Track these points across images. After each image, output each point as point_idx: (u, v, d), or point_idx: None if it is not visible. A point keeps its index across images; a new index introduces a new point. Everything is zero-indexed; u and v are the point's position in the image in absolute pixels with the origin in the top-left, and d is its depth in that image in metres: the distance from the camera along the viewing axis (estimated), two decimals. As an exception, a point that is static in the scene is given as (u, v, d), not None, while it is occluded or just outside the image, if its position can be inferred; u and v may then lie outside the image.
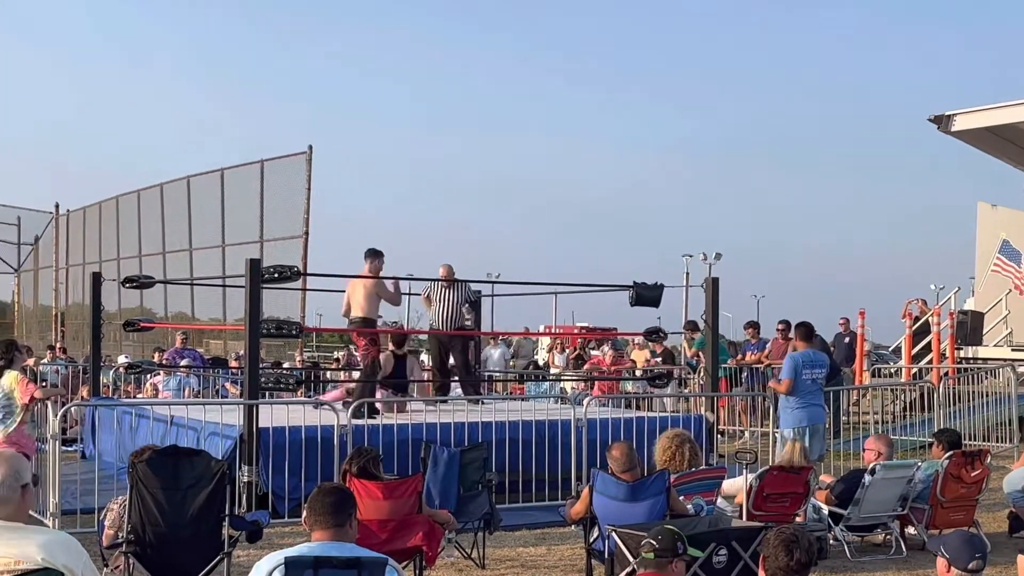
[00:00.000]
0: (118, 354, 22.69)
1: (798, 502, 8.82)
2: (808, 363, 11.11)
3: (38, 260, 32.31)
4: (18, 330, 32.72)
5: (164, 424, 10.78)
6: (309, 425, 10.31)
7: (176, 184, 25.05)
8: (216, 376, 17.89)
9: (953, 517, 9.26)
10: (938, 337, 19.34)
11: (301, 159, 20.62)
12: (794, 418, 10.97)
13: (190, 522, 6.65)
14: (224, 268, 22.23)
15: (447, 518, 7.66)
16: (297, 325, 11.66)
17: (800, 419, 10.95)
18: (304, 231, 20.17)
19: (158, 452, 6.92)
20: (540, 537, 9.73)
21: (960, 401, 15.76)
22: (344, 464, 7.47)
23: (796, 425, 10.92)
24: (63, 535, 4.28)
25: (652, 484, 7.24)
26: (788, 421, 11.02)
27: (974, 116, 20.47)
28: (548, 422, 11.42)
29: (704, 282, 12.95)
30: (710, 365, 12.75)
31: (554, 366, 23.06)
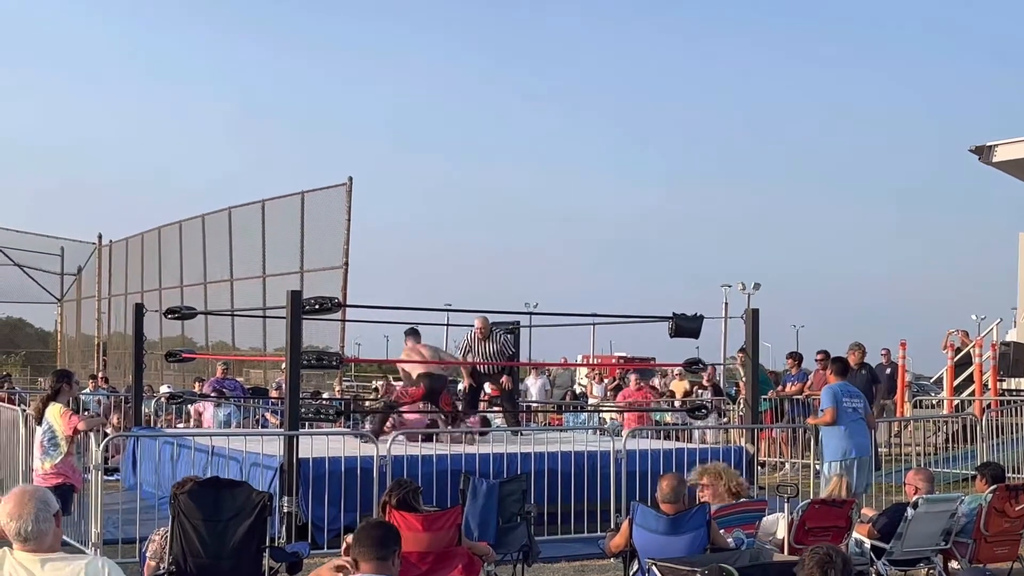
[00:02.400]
0: (159, 384, 22.89)
1: (840, 536, 8.73)
2: (847, 393, 11.03)
3: (81, 290, 32.70)
4: (60, 359, 33.08)
5: (205, 455, 10.85)
6: (349, 456, 10.35)
7: (218, 216, 25.31)
8: (256, 406, 18.00)
9: (997, 552, 9.13)
10: (980, 368, 19.14)
11: (341, 190, 20.77)
12: (840, 450, 10.80)
13: (231, 553, 6.68)
14: (264, 299, 22.40)
15: (486, 550, 7.66)
16: (337, 356, 11.75)
17: (847, 451, 10.78)
18: (344, 262, 20.30)
19: (200, 483, 6.97)
20: (579, 570, 9.69)
21: (1003, 433, 15.56)
22: (384, 496, 7.48)
23: (842, 458, 10.77)
24: (100, 558, 4.31)
25: (693, 517, 7.19)
26: (833, 453, 10.84)
27: (1015, 147, 20.33)
28: (587, 453, 11.40)
29: (744, 313, 12.90)
30: (750, 396, 12.68)
31: (592, 396, 23.03)
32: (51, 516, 4.17)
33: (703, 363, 15.61)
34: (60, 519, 4.28)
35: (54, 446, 8.84)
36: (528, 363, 17.78)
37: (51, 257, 32.51)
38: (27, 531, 4.12)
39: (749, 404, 12.65)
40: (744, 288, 48.56)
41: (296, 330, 10.60)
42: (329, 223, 21.11)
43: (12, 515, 4.13)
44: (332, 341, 19.62)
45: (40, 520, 4.13)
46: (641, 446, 11.67)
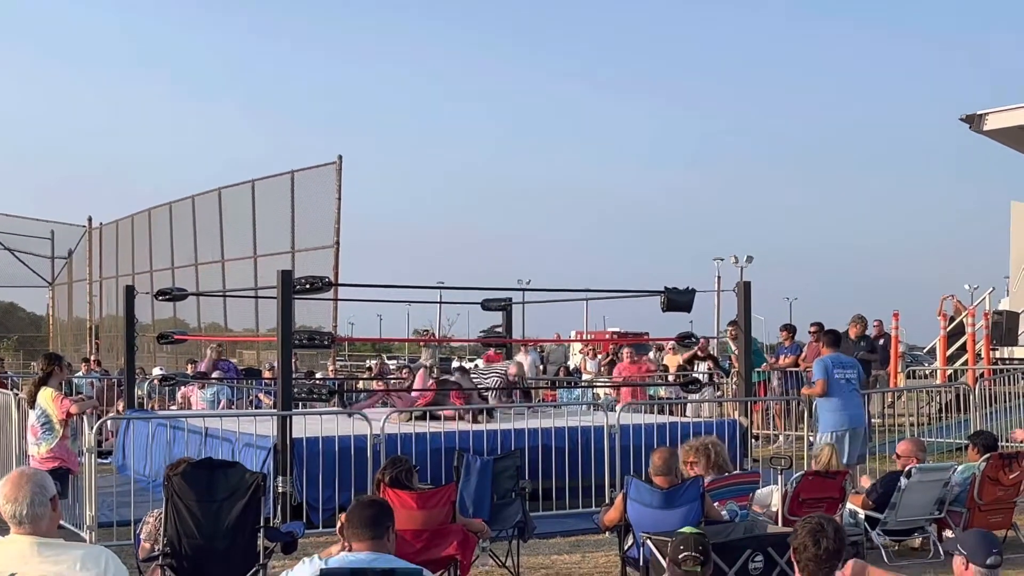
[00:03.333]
0: (152, 366, 22.84)
1: (834, 507, 8.76)
2: (838, 364, 11.03)
3: (72, 273, 32.59)
4: (53, 343, 33.00)
5: (199, 436, 10.84)
6: (342, 435, 10.35)
7: (207, 196, 25.20)
8: (250, 387, 17.98)
9: (991, 520, 9.16)
10: (973, 338, 19.16)
11: (331, 169, 20.67)
12: (834, 421, 10.81)
13: (225, 534, 6.67)
14: (256, 279, 22.33)
15: (481, 527, 7.66)
16: (329, 335, 11.70)
17: (840, 422, 10.79)
18: (335, 241, 20.22)
19: (193, 464, 6.95)
20: (574, 545, 9.71)
21: (996, 402, 15.61)
22: (378, 474, 7.48)
23: (836, 428, 10.78)
24: (99, 548, 4.31)
25: (687, 491, 7.20)
26: (828, 424, 10.86)
27: (1006, 115, 20.30)
28: (581, 429, 11.41)
29: (736, 286, 12.88)
30: (743, 369, 12.69)
31: (586, 372, 23.02)
32: (47, 500, 4.15)
33: (696, 337, 15.62)
34: (57, 503, 4.26)
35: (49, 430, 8.83)
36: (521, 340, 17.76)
37: (41, 241, 32.39)
38: (22, 515, 4.10)
39: (742, 377, 12.65)
40: (736, 261, 48.60)
41: (287, 310, 10.57)
42: (319, 202, 21.03)
43: (8, 498, 4.12)
44: (324, 321, 19.60)
45: (35, 504, 4.11)
46: (635, 420, 11.67)
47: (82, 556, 4.14)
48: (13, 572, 4.06)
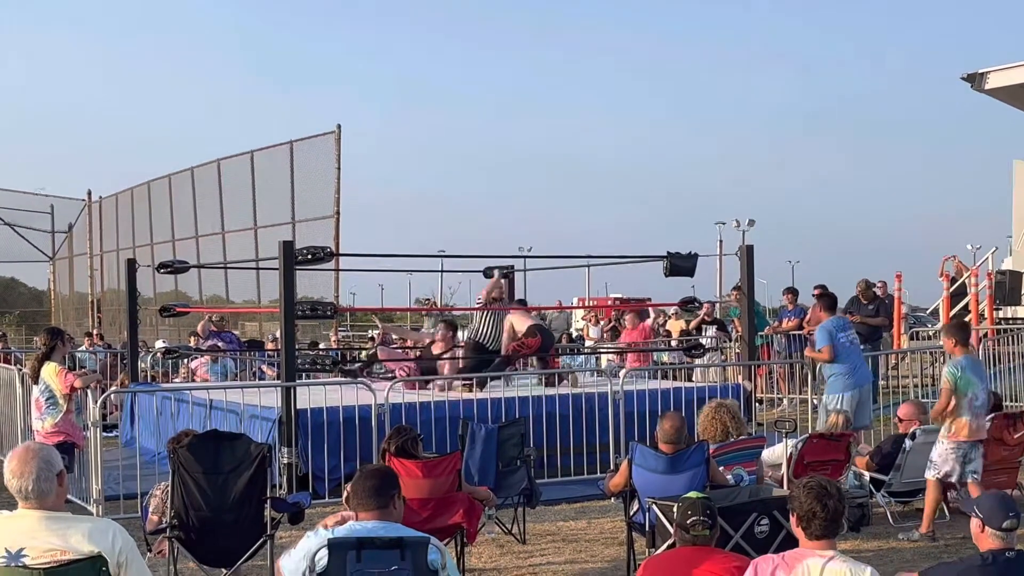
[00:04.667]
0: (155, 339, 22.87)
1: (839, 469, 8.78)
2: (840, 328, 11.05)
3: (72, 247, 32.57)
4: (55, 318, 33.02)
5: (203, 408, 10.84)
6: (347, 405, 10.35)
7: (207, 168, 25.14)
8: (253, 359, 17.99)
9: (996, 480, 9.17)
10: (976, 298, 19.12)
11: (330, 139, 20.61)
12: (842, 384, 10.84)
13: (232, 506, 6.68)
14: (257, 251, 22.31)
15: (487, 495, 7.67)
16: (331, 306, 11.68)
17: (848, 384, 10.83)
18: (335, 211, 20.18)
19: (198, 437, 6.94)
20: (580, 511, 9.74)
21: (1000, 362, 15.60)
22: (383, 443, 7.49)
23: (845, 391, 10.81)
24: (106, 522, 4.32)
25: (692, 456, 7.19)
26: (837, 387, 10.89)
27: (1008, 73, 20.16)
28: (585, 395, 11.41)
29: (738, 250, 12.85)
30: (746, 333, 12.67)
31: (589, 338, 23.02)
32: (53, 476, 4.16)
33: (699, 301, 15.61)
34: (65, 479, 4.27)
35: (53, 405, 8.82)
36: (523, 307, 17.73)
37: (41, 215, 32.36)
38: (28, 490, 4.12)
39: (746, 341, 12.64)
40: (739, 225, 48.57)
41: (289, 281, 10.55)
42: (319, 172, 20.97)
43: (15, 473, 4.13)
44: (326, 291, 19.61)
45: (41, 480, 4.12)
46: (639, 386, 11.67)
47: (90, 530, 4.16)
48: (22, 547, 4.08)
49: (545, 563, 7.96)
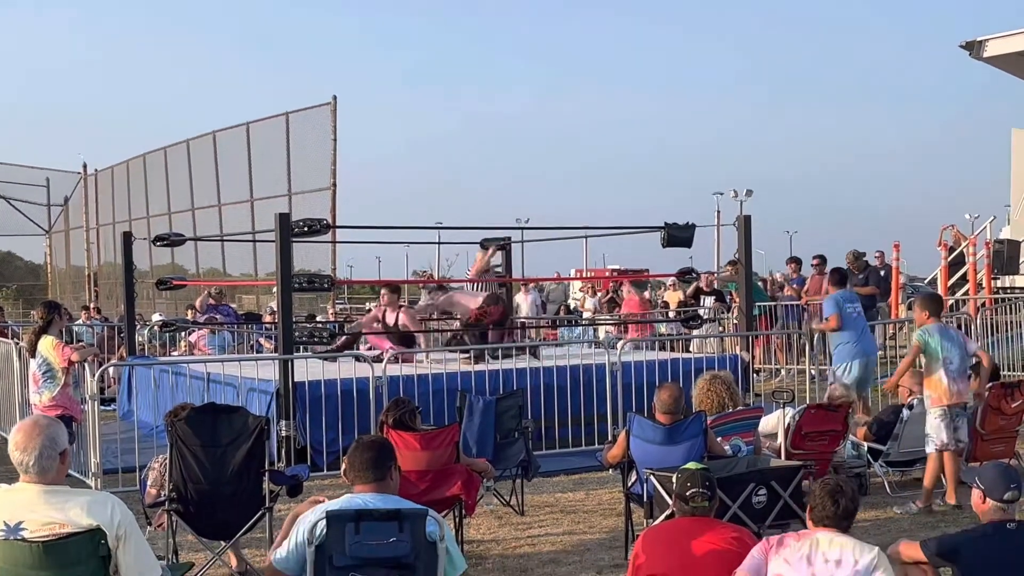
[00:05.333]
0: (151, 312, 22.83)
1: (837, 440, 8.79)
2: (848, 300, 11.26)
3: (68, 221, 32.47)
4: (51, 291, 32.96)
5: (201, 382, 10.84)
6: (345, 378, 10.34)
7: (202, 140, 25.02)
8: (250, 332, 17.98)
9: (994, 449, 9.20)
10: (974, 267, 19.10)
11: (325, 110, 20.50)
12: (848, 352, 11.05)
13: (231, 478, 6.66)
14: (253, 223, 22.24)
15: (485, 467, 7.68)
16: (328, 278, 11.66)
17: (855, 353, 11.06)
18: (332, 183, 20.11)
19: (196, 410, 6.92)
20: (578, 482, 9.76)
21: (998, 331, 15.61)
22: (381, 416, 7.49)
23: (851, 360, 10.96)
24: (105, 495, 4.32)
25: (689, 426, 7.19)
26: (843, 356, 11.08)
27: (1006, 41, 20.07)
28: (583, 367, 11.41)
29: (736, 220, 12.82)
30: (744, 304, 12.66)
31: (585, 310, 23.01)
32: (56, 454, 4.17)
33: (696, 272, 15.59)
34: (68, 456, 4.28)
35: (51, 378, 8.82)
36: (521, 279, 17.73)
37: (37, 188, 32.22)
38: (29, 465, 4.13)
39: (743, 312, 12.63)
40: (736, 195, 48.52)
41: (286, 253, 10.52)
42: (315, 144, 20.88)
43: (19, 446, 4.14)
44: (323, 264, 19.55)
45: (44, 457, 4.14)
46: (636, 358, 11.67)
47: (88, 503, 4.17)
48: (20, 520, 4.08)
49: (543, 534, 7.98)
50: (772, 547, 4.53)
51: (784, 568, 4.44)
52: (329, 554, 4.29)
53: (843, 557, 4.43)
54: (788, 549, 4.49)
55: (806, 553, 4.46)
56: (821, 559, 4.43)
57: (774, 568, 4.46)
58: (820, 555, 4.45)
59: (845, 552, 4.44)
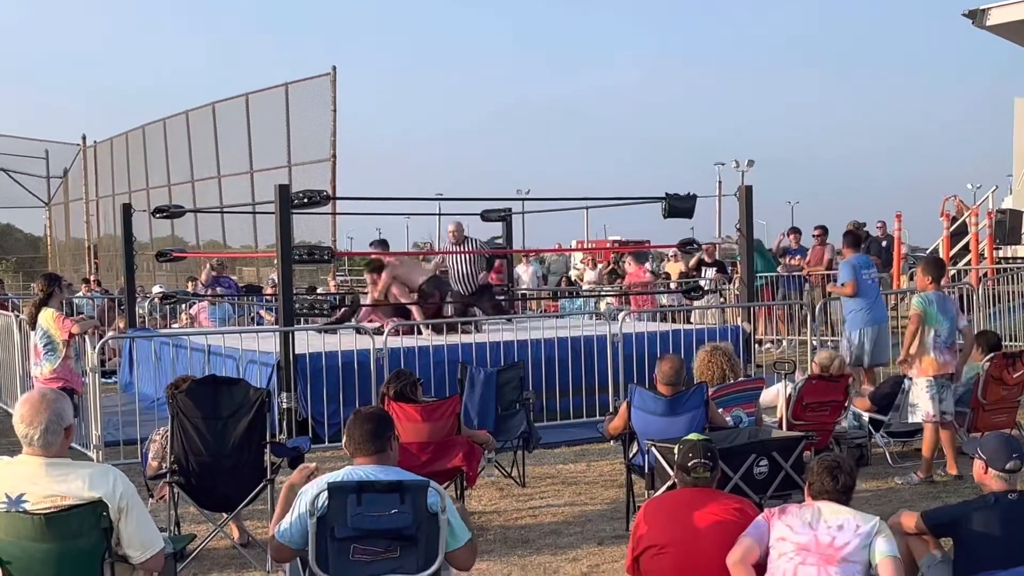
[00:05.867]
0: (152, 284, 22.80)
1: (838, 410, 8.78)
2: (864, 265, 11.21)
3: (68, 193, 32.36)
4: (51, 263, 32.90)
5: (202, 354, 10.84)
6: (346, 350, 10.33)
7: (201, 111, 24.90)
8: (251, 304, 17.96)
9: (995, 419, 9.19)
10: (976, 237, 19.05)
11: (325, 80, 20.38)
12: (862, 319, 11.01)
13: (232, 451, 6.67)
14: (253, 194, 22.17)
15: (486, 438, 7.68)
16: (328, 250, 11.63)
17: (867, 320, 11.01)
18: (331, 154, 20.03)
19: (197, 382, 6.92)
20: (579, 454, 9.76)
21: (1000, 302, 15.59)
22: (382, 388, 7.48)
23: (865, 326, 10.94)
24: (107, 467, 4.33)
25: (690, 397, 7.19)
26: (857, 322, 11.04)
27: (1009, 9, 19.96)
28: (583, 338, 11.40)
29: (738, 191, 12.78)
30: (745, 275, 12.64)
31: (586, 283, 22.99)
32: (61, 429, 4.17)
33: (698, 243, 15.56)
34: (72, 432, 4.29)
35: (51, 351, 8.81)
36: (521, 250, 17.70)
37: (36, 160, 32.09)
38: (33, 438, 4.13)
39: (744, 282, 12.61)
40: (738, 166, 48.43)
41: (286, 225, 10.49)
42: (315, 115, 20.78)
43: (24, 419, 4.15)
44: (323, 235, 19.50)
45: (49, 432, 4.14)
46: (638, 329, 11.66)
47: (90, 475, 4.18)
48: (22, 492, 4.09)
49: (545, 505, 7.99)
50: (775, 515, 4.59)
51: (786, 532, 4.50)
52: (331, 526, 4.29)
53: (845, 523, 4.49)
54: (791, 515, 4.55)
55: (808, 519, 4.52)
56: (824, 524, 4.50)
57: (777, 531, 4.52)
58: (823, 522, 4.51)
59: (847, 519, 4.51)
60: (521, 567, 6.54)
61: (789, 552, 4.45)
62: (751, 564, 4.53)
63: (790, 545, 4.46)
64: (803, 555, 4.42)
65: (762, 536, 4.54)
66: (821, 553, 4.41)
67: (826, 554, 4.41)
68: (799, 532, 4.48)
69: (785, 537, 4.49)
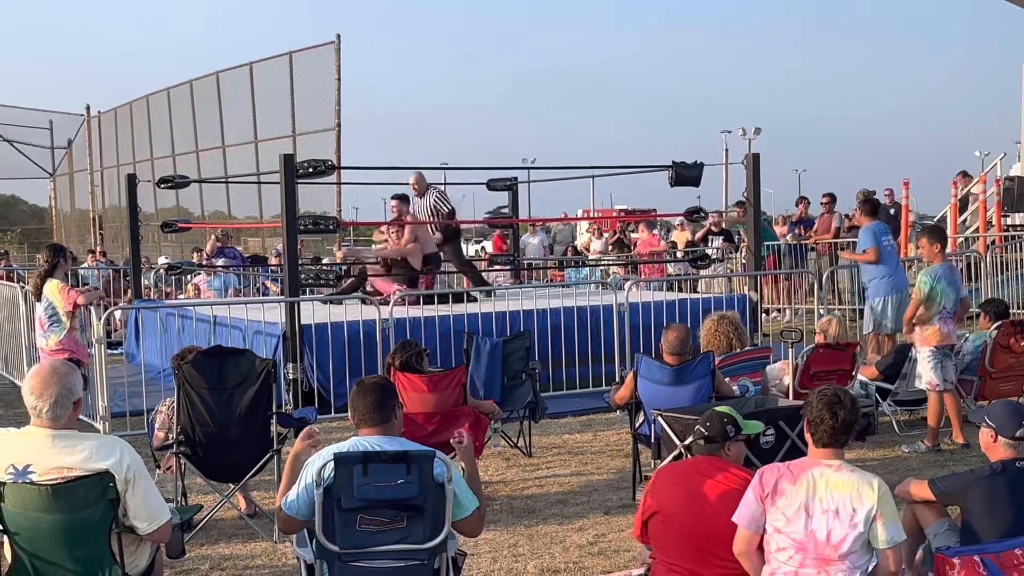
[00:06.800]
0: (157, 255, 22.80)
1: (845, 379, 8.75)
2: (883, 232, 11.11)
3: (72, 164, 32.31)
4: (56, 235, 32.89)
5: (208, 324, 10.83)
6: (351, 320, 10.32)
7: (205, 80, 24.79)
8: (256, 274, 17.95)
9: (1002, 388, 9.18)
10: (984, 205, 18.96)
11: (329, 49, 20.26)
12: (885, 287, 10.88)
13: (238, 421, 6.66)
14: (258, 164, 22.12)
15: (492, 408, 7.68)
16: (334, 220, 11.58)
17: (891, 287, 10.89)
18: (336, 123, 19.95)
19: (203, 352, 6.91)
20: (586, 424, 9.76)
21: (1008, 270, 15.54)
22: (388, 358, 7.47)
23: (888, 294, 10.83)
24: (113, 439, 4.33)
25: (697, 367, 7.17)
26: (880, 290, 10.91)
27: (1019, -25, 19.76)
28: (590, 308, 11.37)
29: (744, 159, 12.70)
30: (752, 243, 12.59)
31: (592, 252, 22.93)
32: (70, 403, 4.17)
33: (704, 212, 15.50)
34: (80, 405, 4.28)
35: (56, 322, 8.80)
36: (527, 219, 17.65)
37: (40, 131, 32.03)
38: (43, 411, 4.13)
39: (752, 251, 12.55)
40: (744, 133, 48.22)
41: (291, 195, 10.45)
42: (319, 84, 20.67)
43: (34, 391, 4.15)
44: (328, 205, 19.43)
45: (58, 405, 4.14)
46: (644, 298, 11.63)
47: (96, 447, 4.18)
48: (28, 463, 4.09)
49: (551, 475, 7.99)
50: (767, 495, 4.36)
51: (782, 523, 4.31)
52: (337, 496, 4.28)
53: (840, 506, 4.26)
54: (784, 498, 4.33)
55: (803, 502, 4.29)
56: (819, 508, 4.27)
57: (773, 521, 4.32)
58: (817, 503, 4.28)
59: (843, 500, 4.27)
60: (528, 537, 6.54)
61: (788, 549, 4.30)
62: (755, 549, 4.43)
63: (787, 540, 4.29)
64: (802, 555, 4.29)
65: (756, 521, 4.39)
66: (819, 554, 4.26)
67: (824, 555, 4.26)
68: (794, 522, 4.28)
69: (781, 530, 4.32)
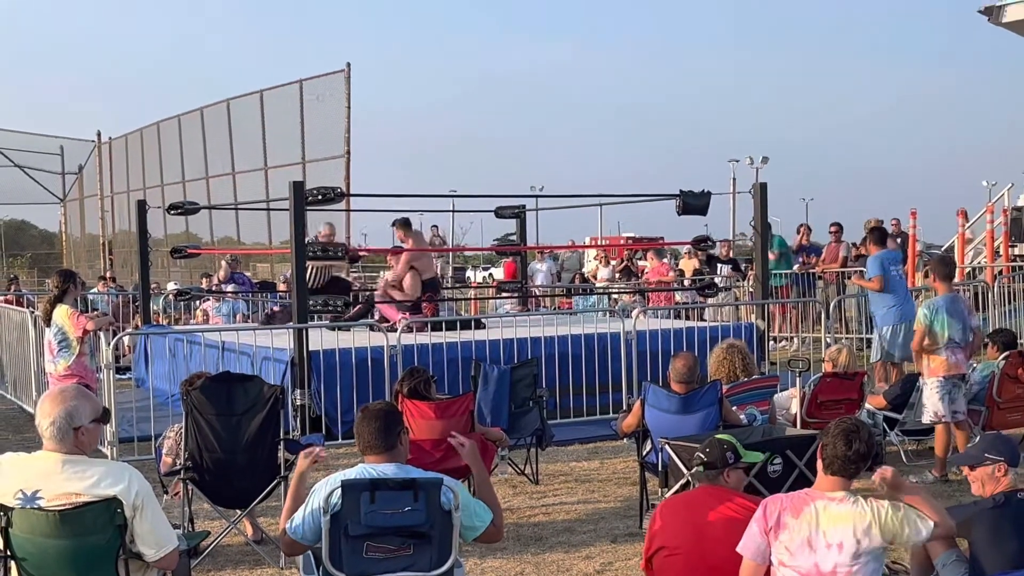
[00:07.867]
0: (166, 281, 22.86)
1: (853, 408, 8.74)
2: (891, 260, 11.16)
3: (83, 189, 32.45)
4: (66, 260, 32.99)
5: (216, 350, 10.86)
6: (360, 347, 10.34)
7: (216, 108, 24.94)
8: (264, 300, 17.99)
9: (1010, 418, 9.15)
10: (991, 235, 18.96)
11: (339, 77, 20.39)
12: (894, 315, 10.93)
13: (246, 447, 6.68)
14: (268, 191, 22.21)
15: (499, 435, 7.68)
16: (343, 247, 11.63)
17: (899, 316, 10.92)
18: (346, 150, 20.05)
19: (211, 378, 6.93)
20: (592, 451, 9.76)
21: (1015, 300, 15.51)
22: (396, 385, 7.49)
23: (897, 323, 10.87)
24: (122, 465, 4.33)
25: (704, 395, 7.18)
26: (888, 319, 10.98)
27: (1025, 7, 19.84)
28: (597, 335, 11.38)
29: (752, 188, 12.74)
30: (760, 272, 12.60)
31: (599, 280, 22.95)
32: (70, 428, 4.16)
33: (712, 240, 15.53)
34: (84, 432, 4.23)
35: (66, 347, 8.82)
36: (535, 247, 17.67)
37: (51, 157, 32.19)
38: (45, 434, 4.17)
39: (759, 280, 12.57)
40: (752, 162, 48.29)
41: (300, 222, 10.50)
42: (329, 111, 20.79)
43: (42, 412, 4.19)
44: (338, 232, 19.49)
45: (56, 428, 4.16)
46: (652, 326, 11.64)
47: (105, 472, 4.20)
48: (37, 488, 4.10)
49: (558, 503, 7.98)
50: (771, 528, 4.32)
51: (786, 557, 4.27)
52: (344, 523, 4.29)
53: (844, 539, 4.21)
54: (787, 532, 4.28)
55: (806, 536, 4.25)
56: (822, 542, 4.22)
57: (778, 555, 4.30)
58: (821, 536, 4.23)
59: (846, 532, 4.22)
60: (534, 565, 6.53)
61: None
62: None
63: (793, 573, 4.26)
64: None
65: (762, 554, 4.36)
66: None
67: None
68: (798, 555, 4.25)
69: (786, 563, 4.27)
